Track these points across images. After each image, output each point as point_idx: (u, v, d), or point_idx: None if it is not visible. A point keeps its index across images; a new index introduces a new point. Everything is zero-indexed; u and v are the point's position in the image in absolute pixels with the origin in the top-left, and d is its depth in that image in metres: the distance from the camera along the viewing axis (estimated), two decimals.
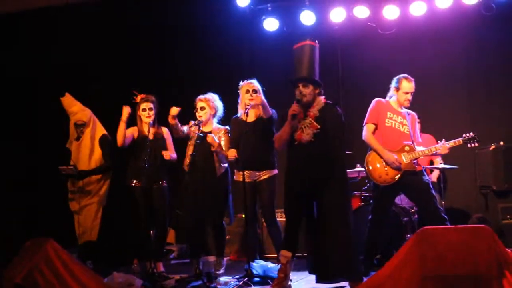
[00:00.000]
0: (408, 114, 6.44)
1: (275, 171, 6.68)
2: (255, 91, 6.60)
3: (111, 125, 7.21)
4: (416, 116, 6.75)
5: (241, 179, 6.44)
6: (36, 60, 8.67)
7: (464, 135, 6.69)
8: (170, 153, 6.88)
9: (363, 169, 7.12)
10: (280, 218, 7.26)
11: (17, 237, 6.11)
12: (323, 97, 5.81)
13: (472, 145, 6.77)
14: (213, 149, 6.53)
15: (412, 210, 7.24)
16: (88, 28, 8.72)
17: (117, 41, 8.93)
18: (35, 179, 7.88)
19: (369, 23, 8.30)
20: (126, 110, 6.71)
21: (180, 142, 6.87)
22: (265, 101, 6.58)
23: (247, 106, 6.51)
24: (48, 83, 7.98)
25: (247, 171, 6.50)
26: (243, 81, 6.72)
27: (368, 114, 6.44)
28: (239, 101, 6.72)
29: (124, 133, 6.72)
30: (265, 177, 6.61)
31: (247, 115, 6.53)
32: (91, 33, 8.77)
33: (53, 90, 7.50)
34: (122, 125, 6.71)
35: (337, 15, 8.31)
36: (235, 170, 6.66)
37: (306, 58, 5.85)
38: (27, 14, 8.70)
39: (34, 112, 8.14)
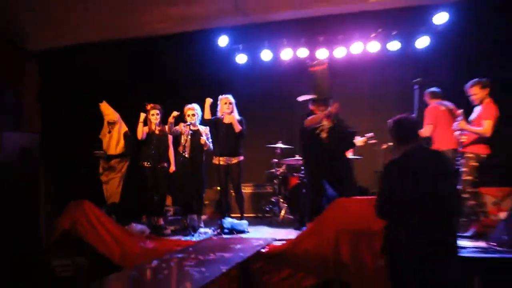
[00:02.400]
0: None
1: (242, 157, 6.85)
2: (230, 103, 6.82)
3: (131, 125, 7.42)
4: None
5: (221, 163, 6.67)
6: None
7: (365, 135, 6.99)
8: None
9: (300, 158, 7.35)
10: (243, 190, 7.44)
11: (67, 199, 6.24)
12: None
13: (372, 141, 7.05)
14: (205, 148, 6.77)
15: None
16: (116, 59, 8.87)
17: (140, 73, 9.05)
18: (80, 160, 7.97)
19: (307, 60, 8.31)
20: (142, 115, 6.90)
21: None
22: (236, 110, 6.85)
23: (222, 114, 6.77)
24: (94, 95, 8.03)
25: (223, 157, 6.73)
26: (221, 95, 6.88)
27: None
28: (218, 108, 6.86)
29: (142, 130, 6.87)
30: (235, 161, 6.78)
31: (220, 119, 6.80)
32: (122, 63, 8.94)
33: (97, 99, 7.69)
34: (140, 125, 6.87)
35: (286, 54, 8.46)
36: (214, 156, 6.76)
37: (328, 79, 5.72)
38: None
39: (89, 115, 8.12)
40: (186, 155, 6.72)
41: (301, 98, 6.11)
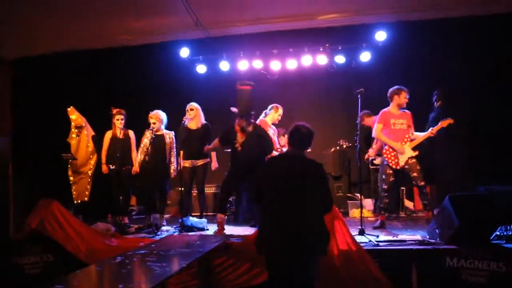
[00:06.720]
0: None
1: (208, 160, 6.82)
2: (192, 109, 6.76)
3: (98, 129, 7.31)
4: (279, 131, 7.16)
5: (186, 165, 6.66)
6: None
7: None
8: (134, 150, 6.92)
9: None
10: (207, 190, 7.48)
11: (36, 199, 6.03)
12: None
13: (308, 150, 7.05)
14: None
15: None
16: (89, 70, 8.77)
17: (107, 81, 8.87)
18: (49, 162, 7.77)
19: (262, 71, 8.51)
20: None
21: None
22: (201, 115, 6.79)
23: (184, 119, 6.72)
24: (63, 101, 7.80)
25: (189, 160, 6.70)
26: (188, 104, 6.84)
27: None
28: (186, 115, 6.78)
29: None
30: (201, 163, 6.75)
31: (185, 125, 6.72)
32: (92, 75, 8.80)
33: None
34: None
35: (242, 65, 8.50)
36: (182, 160, 6.69)
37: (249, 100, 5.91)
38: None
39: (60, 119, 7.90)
40: (150, 158, 6.60)
41: (233, 109, 6.16)
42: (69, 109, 7.34)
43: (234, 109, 6.11)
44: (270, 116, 7.00)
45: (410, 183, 6.34)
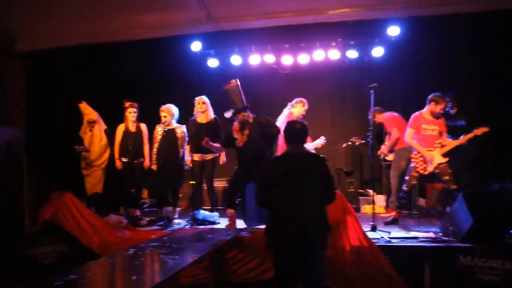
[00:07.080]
0: None
1: (217, 154, 6.73)
2: (203, 102, 6.72)
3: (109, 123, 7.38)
4: None
5: (195, 159, 6.63)
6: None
7: (321, 138, 6.96)
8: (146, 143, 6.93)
9: None
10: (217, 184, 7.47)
11: (50, 191, 6.05)
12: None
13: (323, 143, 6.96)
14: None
15: None
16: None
17: (118, 75, 8.85)
18: (63, 154, 7.83)
19: (273, 66, 8.46)
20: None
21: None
22: (210, 109, 6.73)
23: (195, 113, 6.70)
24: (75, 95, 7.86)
25: (199, 154, 6.64)
26: (197, 97, 6.79)
27: None
28: (195, 109, 6.74)
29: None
30: (210, 158, 6.66)
31: (195, 119, 6.69)
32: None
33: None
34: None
35: (254, 60, 8.44)
36: (191, 153, 6.69)
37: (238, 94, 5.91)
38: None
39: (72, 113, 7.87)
40: (162, 153, 6.62)
41: (226, 114, 6.16)
42: (81, 104, 7.37)
43: (227, 114, 6.13)
44: (297, 110, 6.85)
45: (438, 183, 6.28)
